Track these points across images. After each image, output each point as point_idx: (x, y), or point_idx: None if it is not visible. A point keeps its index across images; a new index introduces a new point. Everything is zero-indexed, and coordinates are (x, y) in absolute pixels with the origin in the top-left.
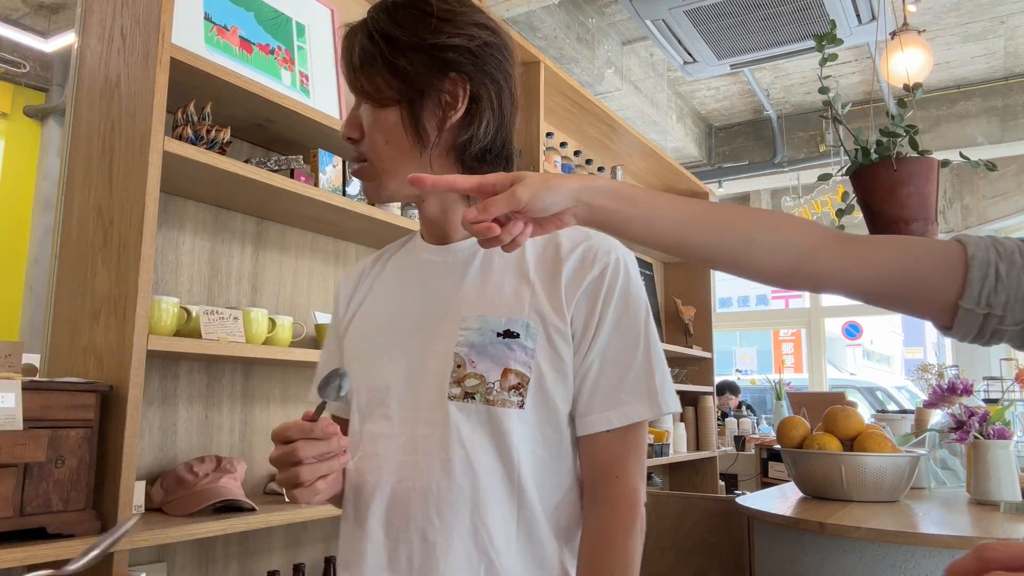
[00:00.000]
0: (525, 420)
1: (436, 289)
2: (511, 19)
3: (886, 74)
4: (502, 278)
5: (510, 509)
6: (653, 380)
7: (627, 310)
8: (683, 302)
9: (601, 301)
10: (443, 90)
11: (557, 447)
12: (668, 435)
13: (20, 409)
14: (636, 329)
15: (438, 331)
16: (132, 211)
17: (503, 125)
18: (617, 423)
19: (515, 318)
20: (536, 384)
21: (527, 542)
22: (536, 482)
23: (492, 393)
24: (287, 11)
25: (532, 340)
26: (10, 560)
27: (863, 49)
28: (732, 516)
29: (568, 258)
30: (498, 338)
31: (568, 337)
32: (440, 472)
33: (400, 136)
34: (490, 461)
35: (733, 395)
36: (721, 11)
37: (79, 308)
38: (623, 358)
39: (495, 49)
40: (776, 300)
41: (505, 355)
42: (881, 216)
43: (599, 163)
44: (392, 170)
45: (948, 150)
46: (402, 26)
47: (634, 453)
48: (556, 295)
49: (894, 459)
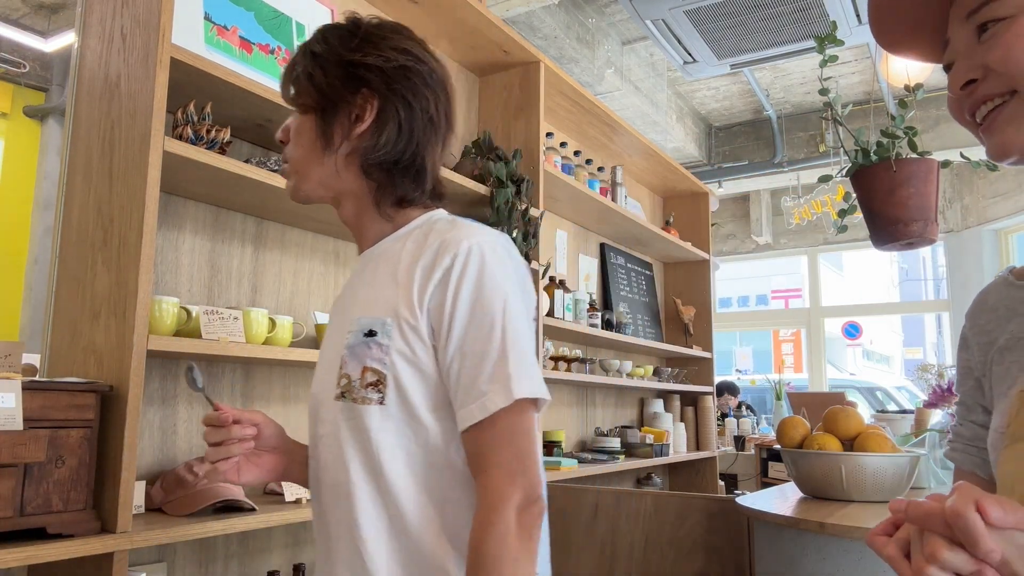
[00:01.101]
0: (388, 416)
1: (348, 295)
2: (511, 19)
3: (886, 74)
4: (381, 280)
5: (376, 506)
6: (507, 366)
7: (480, 299)
8: (683, 302)
9: (451, 292)
10: (354, 103)
11: (427, 444)
12: (668, 435)
13: (20, 409)
14: (491, 317)
15: (339, 335)
16: (132, 211)
17: (414, 143)
18: (479, 415)
19: (376, 317)
20: (393, 381)
21: (398, 539)
22: (410, 480)
23: (355, 391)
24: (287, 11)
25: (387, 337)
26: (10, 560)
27: (863, 49)
28: (732, 516)
29: (424, 253)
30: (364, 337)
31: (421, 332)
32: (332, 464)
33: (312, 140)
34: (358, 458)
35: (732, 396)
36: (721, 11)
37: (79, 308)
38: (480, 349)
39: (413, 74)
40: (776, 300)
41: (364, 353)
42: (881, 217)
43: (599, 163)
44: (303, 172)
45: (948, 150)
46: (328, 43)
47: (501, 447)
48: (409, 291)
49: (894, 459)
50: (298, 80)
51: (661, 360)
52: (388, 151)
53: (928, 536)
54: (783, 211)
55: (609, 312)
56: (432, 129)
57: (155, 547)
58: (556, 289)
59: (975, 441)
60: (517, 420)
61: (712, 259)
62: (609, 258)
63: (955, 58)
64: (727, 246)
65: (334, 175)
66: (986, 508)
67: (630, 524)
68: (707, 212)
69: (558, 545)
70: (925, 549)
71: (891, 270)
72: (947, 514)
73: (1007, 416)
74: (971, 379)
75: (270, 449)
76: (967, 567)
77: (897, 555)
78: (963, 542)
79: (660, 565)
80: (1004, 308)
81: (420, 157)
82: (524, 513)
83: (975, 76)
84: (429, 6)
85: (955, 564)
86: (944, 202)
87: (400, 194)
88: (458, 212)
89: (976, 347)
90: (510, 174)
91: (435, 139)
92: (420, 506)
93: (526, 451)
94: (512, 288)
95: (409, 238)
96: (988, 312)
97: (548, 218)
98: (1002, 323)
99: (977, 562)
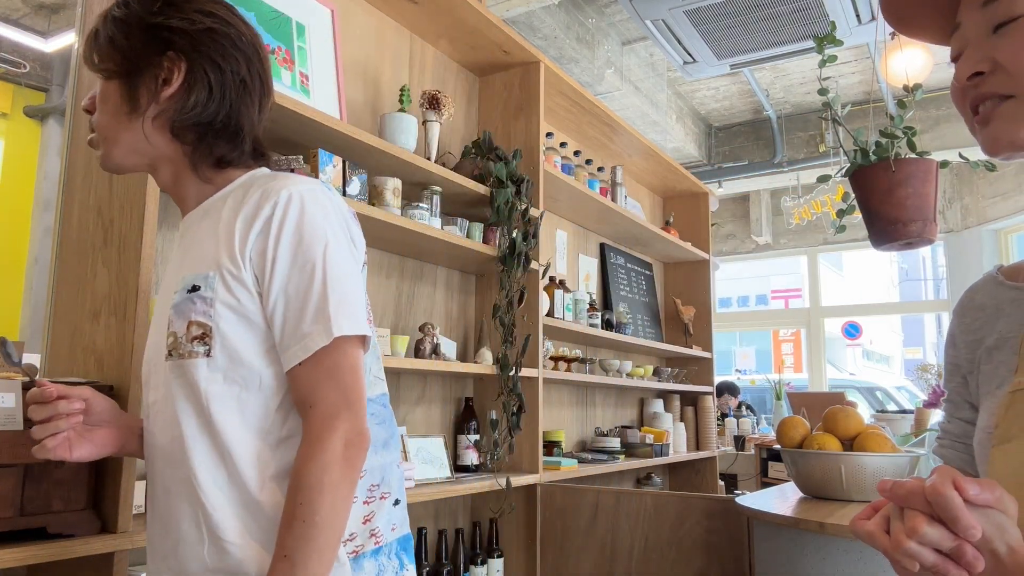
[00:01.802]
0: (216, 368)
1: (176, 260)
2: (511, 19)
3: (886, 74)
4: (203, 239)
5: (212, 457)
6: (327, 308)
7: (300, 243)
8: (683, 302)
9: (272, 239)
10: (160, 66)
11: (261, 388)
12: (668, 435)
13: (20, 409)
14: (312, 260)
15: (166, 298)
16: (132, 211)
17: (226, 104)
18: (302, 355)
19: (199, 273)
20: (219, 332)
21: (234, 487)
22: (244, 427)
23: (182, 347)
24: (287, 11)
25: (210, 290)
26: (10, 560)
27: (863, 49)
28: (732, 516)
29: (245, 204)
30: (187, 294)
31: (245, 281)
32: (165, 428)
33: (117, 106)
34: (190, 412)
35: (732, 396)
36: (721, 11)
37: (79, 308)
38: (302, 292)
39: (220, 36)
40: (776, 300)
41: (189, 309)
42: (880, 217)
43: (599, 163)
44: (112, 138)
45: (947, 150)
46: (129, 7)
47: (328, 382)
48: (231, 241)
49: (894, 459)
50: (100, 46)
51: (661, 360)
52: (199, 112)
53: (909, 512)
54: (783, 211)
55: (609, 312)
56: (245, 91)
57: None
58: (556, 289)
59: (962, 438)
60: (340, 357)
61: (712, 259)
62: (609, 258)
63: (964, 46)
64: (727, 246)
65: (143, 140)
66: (963, 486)
67: (630, 524)
68: (707, 212)
69: (558, 545)
70: (906, 524)
71: (891, 270)
72: (927, 492)
73: (995, 416)
74: (958, 376)
75: (103, 423)
76: (946, 542)
77: (876, 530)
78: (943, 518)
79: (660, 565)
80: (992, 307)
81: (235, 118)
82: (349, 446)
83: (983, 69)
84: (429, 6)
85: (934, 538)
86: (944, 202)
87: (217, 155)
88: (458, 212)
89: (963, 345)
90: (510, 174)
91: (249, 100)
92: (255, 451)
93: (351, 386)
94: (334, 231)
95: (230, 195)
96: (976, 310)
97: (548, 218)
98: (990, 322)
99: (955, 538)
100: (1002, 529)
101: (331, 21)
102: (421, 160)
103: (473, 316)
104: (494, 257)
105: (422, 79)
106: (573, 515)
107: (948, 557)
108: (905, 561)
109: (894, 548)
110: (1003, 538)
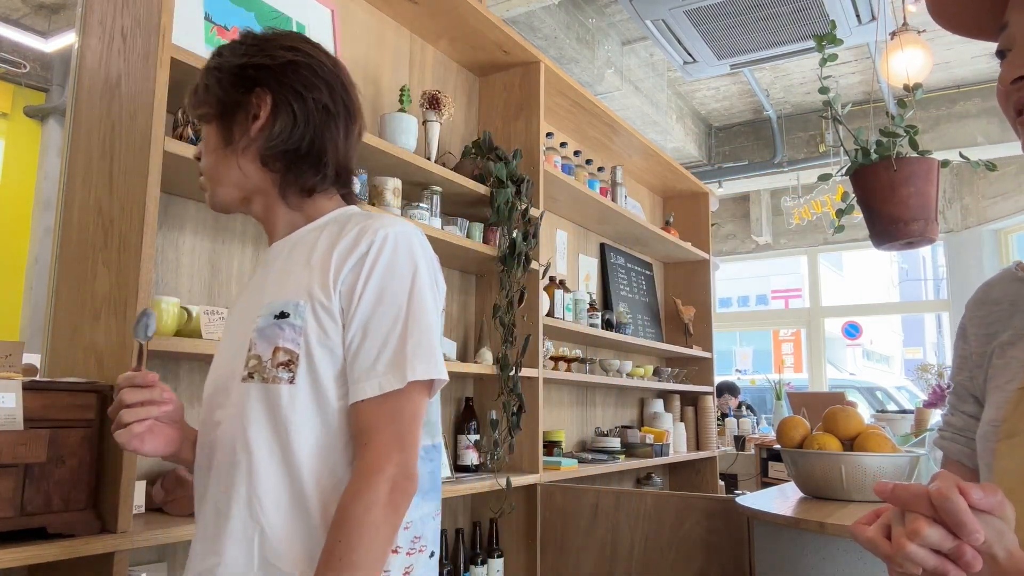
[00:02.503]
0: (297, 395)
1: (256, 284)
2: (511, 19)
3: (886, 74)
4: (293, 267)
5: (282, 481)
6: (405, 349)
7: (389, 282)
8: (683, 302)
9: (364, 275)
10: (249, 103)
11: (329, 420)
12: (668, 435)
13: (20, 409)
14: (399, 301)
15: (246, 321)
16: (132, 211)
17: (310, 130)
18: (370, 393)
19: (288, 300)
20: (305, 360)
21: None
22: (314, 455)
23: (266, 371)
24: (287, 11)
25: (300, 318)
26: (10, 560)
27: (863, 49)
28: (732, 516)
29: (342, 239)
30: (274, 320)
31: (334, 313)
32: (229, 447)
33: (216, 146)
34: (265, 435)
35: (733, 396)
36: (721, 11)
37: (79, 308)
38: (383, 330)
39: (302, 67)
40: (776, 300)
41: (276, 334)
42: (881, 216)
43: (599, 163)
44: (215, 177)
45: (948, 150)
46: (221, 55)
47: (389, 423)
48: (325, 273)
49: (894, 459)
50: (198, 96)
51: (661, 360)
52: (285, 139)
53: (910, 515)
54: (783, 211)
55: (609, 312)
56: (328, 117)
57: (155, 547)
58: (556, 289)
59: (964, 431)
60: (405, 402)
61: (712, 259)
62: (609, 258)
63: (1011, 45)
64: (727, 246)
65: (239, 173)
66: (968, 491)
67: (630, 524)
68: (707, 212)
69: (558, 545)
70: (908, 527)
71: (891, 270)
72: (932, 496)
73: (1003, 411)
74: (966, 369)
75: (172, 422)
76: (946, 544)
77: (877, 536)
78: (948, 523)
79: (660, 565)
80: (1009, 302)
81: (318, 143)
82: (395, 489)
83: None
84: (429, 6)
85: (935, 541)
86: (944, 202)
87: (303, 183)
88: (458, 212)
89: (975, 338)
90: (510, 174)
91: (333, 126)
92: (321, 479)
93: (407, 431)
94: (421, 275)
95: (325, 228)
96: (991, 305)
97: (548, 218)
98: (1005, 317)
99: (954, 538)
100: (1001, 534)
101: (331, 21)
102: (421, 160)
103: (473, 316)
104: (494, 257)
105: (422, 79)
106: (573, 515)
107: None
108: (906, 565)
109: (896, 551)
110: (1002, 542)
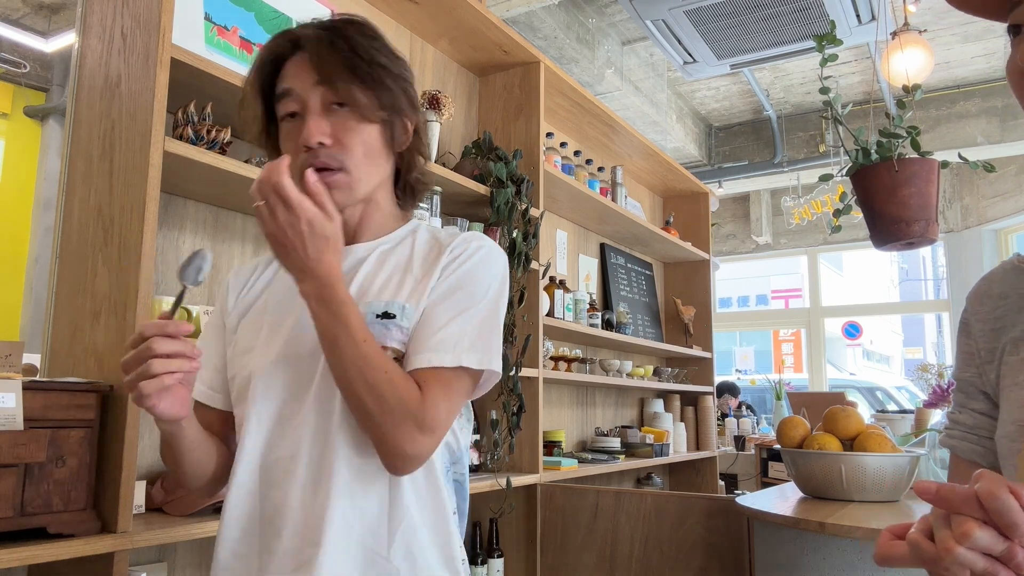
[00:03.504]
0: None
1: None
2: (511, 19)
3: (886, 74)
4: (388, 272)
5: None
6: (464, 339)
7: (472, 279)
8: (683, 302)
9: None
10: (405, 121)
11: None
12: (668, 435)
13: (20, 409)
14: (475, 296)
15: None
16: (132, 211)
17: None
18: (423, 364)
19: (393, 301)
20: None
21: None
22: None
23: None
24: (287, 11)
25: (408, 320)
26: (10, 560)
27: (863, 49)
28: (732, 516)
29: (446, 250)
30: (376, 319)
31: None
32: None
33: (378, 152)
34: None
35: (733, 397)
36: (721, 11)
37: (79, 308)
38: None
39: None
40: (776, 300)
41: (383, 334)
42: (882, 216)
43: (599, 163)
44: (366, 179)
45: (948, 150)
46: (385, 56)
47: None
48: (427, 281)
49: (894, 459)
50: (365, 87)
51: (661, 360)
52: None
53: (957, 517)
54: (783, 211)
55: (609, 312)
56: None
57: (155, 547)
58: (556, 289)
59: (976, 429)
60: (457, 380)
61: (712, 259)
62: (609, 258)
63: None
64: (727, 246)
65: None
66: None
67: (630, 524)
68: (707, 212)
69: (558, 545)
70: (956, 529)
71: (891, 270)
72: (982, 496)
73: None
74: (973, 366)
75: (189, 385)
76: (998, 547)
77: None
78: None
79: (660, 565)
80: (1016, 296)
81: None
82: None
83: None
84: (429, 6)
85: (986, 544)
86: (944, 202)
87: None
88: (458, 212)
89: (981, 334)
90: (510, 174)
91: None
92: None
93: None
94: (500, 286)
95: (416, 238)
96: (995, 299)
97: (548, 218)
98: (1013, 312)
99: (1005, 540)
100: None
101: None
102: None
103: None
104: None
105: (422, 79)
106: (573, 515)
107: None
108: (955, 569)
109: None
110: None
